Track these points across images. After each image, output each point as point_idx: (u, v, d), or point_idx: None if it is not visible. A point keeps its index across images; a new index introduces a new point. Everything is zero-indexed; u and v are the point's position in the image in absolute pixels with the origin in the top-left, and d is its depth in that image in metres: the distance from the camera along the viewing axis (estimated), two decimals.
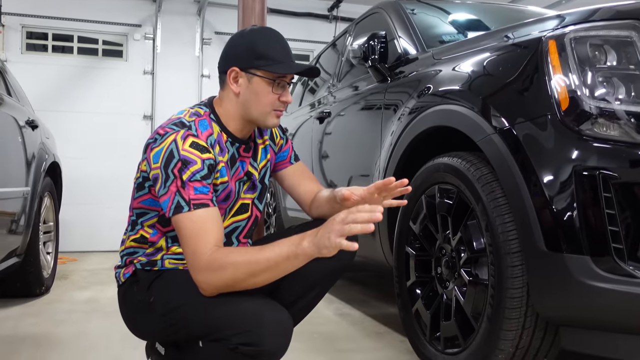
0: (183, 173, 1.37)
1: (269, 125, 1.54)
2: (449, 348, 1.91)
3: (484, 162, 1.78)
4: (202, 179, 1.39)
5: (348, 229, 1.20)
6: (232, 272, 1.31)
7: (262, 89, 1.48)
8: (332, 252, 1.24)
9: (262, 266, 1.30)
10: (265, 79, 1.47)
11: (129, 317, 1.59)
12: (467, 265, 1.84)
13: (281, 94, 1.50)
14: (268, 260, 1.29)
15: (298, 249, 1.27)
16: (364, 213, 1.21)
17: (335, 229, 1.22)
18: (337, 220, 1.23)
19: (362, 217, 1.21)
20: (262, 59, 1.47)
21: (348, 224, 1.21)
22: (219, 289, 1.35)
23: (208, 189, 1.40)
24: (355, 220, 1.21)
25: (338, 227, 1.22)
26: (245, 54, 1.49)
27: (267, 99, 1.49)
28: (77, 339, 2.44)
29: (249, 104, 1.50)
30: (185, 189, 1.37)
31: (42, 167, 3.33)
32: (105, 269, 4.56)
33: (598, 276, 1.39)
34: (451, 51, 2.21)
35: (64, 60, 5.81)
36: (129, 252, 1.58)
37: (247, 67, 1.48)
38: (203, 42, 6.13)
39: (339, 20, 6.48)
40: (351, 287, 3.79)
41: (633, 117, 1.43)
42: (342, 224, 1.22)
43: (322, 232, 1.25)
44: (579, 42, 1.52)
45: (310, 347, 2.32)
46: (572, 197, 1.43)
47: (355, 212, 1.22)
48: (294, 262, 1.29)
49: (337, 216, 1.24)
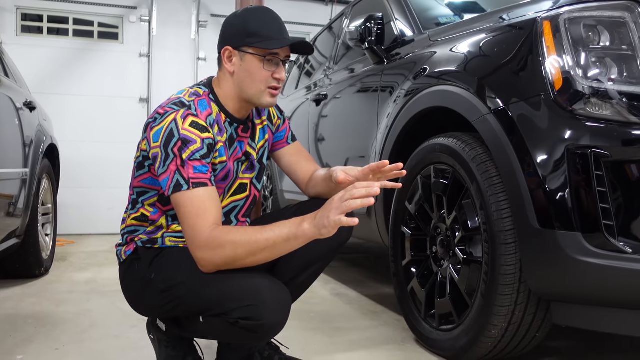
0: (183, 152, 1.40)
1: (264, 104, 1.55)
2: (443, 325, 1.95)
3: (479, 142, 1.80)
4: (201, 158, 1.41)
5: (347, 205, 1.24)
6: (232, 250, 1.34)
7: (254, 67, 1.50)
8: (332, 231, 1.27)
9: (261, 246, 1.33)
10: (257, 56, 1.49)
11: (130, 294, 1.62)
12: (461, 243, 1.87)
13: (274, 71, 1.51)
14: (267, 241, 1.33)
15: (298, 230, 1.31)
16: (362, 189, 1.25)
17: (333, 207, 1.26)
18: (335, 200, 1.27)
19: (359, 193, 1.24)
20: (254, 37, 1.48)
21: (346, 200, 1.24)
22: (218, 266, 1.38)
23: (207, 168, 1.42)
24: (353, 196, 1.24)
25: (336, 204, 1.26)
26: (238, 33, 1.51)
27: (259, 76, 1.50)
28: (78, 317, 2.48)
29: (243, 82, 1.52)
30: (185, 168, 1.39)
31: (41, 149, 3.34)
32: (103, 251, 4.58)
33: (589, 252, 1.42)
34: (447, 33, 2.22)
35: (59, 42, 5.78)
36: (130, 231, 1.60)
37: (239, 45, 1.50)
38: (199, 24, 6.10)
39: (335, 3, 6.45)
40: (347, 269, 3.83)
41: (625, 97, 1.46)
42: (340, 201, 1.25)
43: (321, 213, 1.28)
44: (573, 23, 1.54)
45: (307, 326, 2.36)
46: (564, 175, 1.46)
47: (352, 189, 1.25)
48: (294, 243, 1.33)
49: (335, 196, 1.28)
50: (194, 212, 1.38)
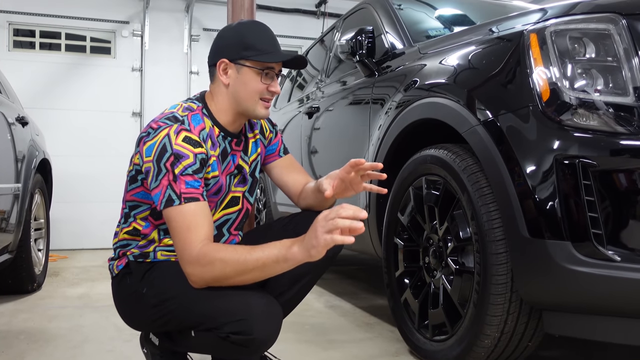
0: (175, 167, 1.40)
1: (258, 115, 1.56)
2: (437, 335, 1.96)
3: (469, 153, 1.82)
4: (193, 173, 1.42)
5: (333, 224, 1.19)
6: (221, 268, 1.34)
7: (250, 79, 1.51)
8: (322, 251, 1.23)
9: (250, 266, 1.32)
10: (254, 69, 1.51)
11: (123, 308, 1.61)
12: (453, 254, 1.88)
13: (270, 84, 1.53)
14: (257, 261, 1.31)
15: (288, 253, 1.28)
16: (349, 209, 1.20)
17: (319, 227, 1.22)
18: (319, 219, 1.23)
19: (347, 213, 1.20)
20: (251, 50, 1.50)
21: (332, 219, 1.20)
22: (207, 282, 1.38)
23: (199, 183, 1.43)
24: (340, 214, 1.20)
25: (322, 223, 1.21)
26: (234, 45, 1.52)
27: (255, 89, 1.52)
28: (71, 333, 2.47)
29: (238, 94, 1.53)
30: (177, 183, 1.40)
31: (33, 164, 3.34)
32: (96, 266, 4.56)
33: (578, 260, 1.44)
34: (437, 45, 2.25)
35: (51, 57, 5.79)
36: (122, 245, 1.60)
37: (236, 58, 1.52)
38: (191, 38, 6.13)
39: (326, 16, 6.51)
40: (341, 281, 3.83)
41: (611, 107, 1.48)
42: (326, 220, 1.21)
43: (308, 234, 1.25)
44: (559, 36, 1.57)
45: (301, 338, 2.36)
46: (553, 185, 1.48)
47: (339, 208, 1.21)
48: (283, 266, 1.31)
49: (319, 216, 1.24)
50: (185, 227, 1.38)
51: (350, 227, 1.18)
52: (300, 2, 6.50)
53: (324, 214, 1.23)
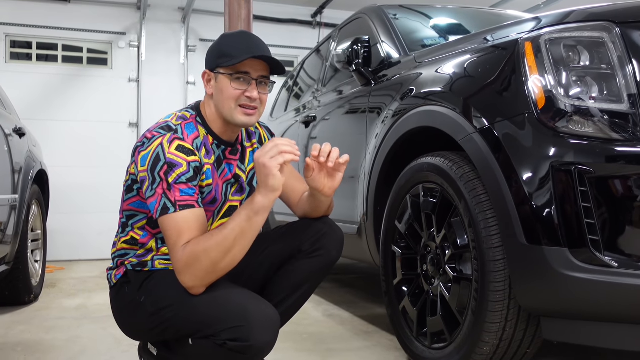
0: (169, 175, 1.41)
1: (237, 123, 1.54)
2: (435, 343, 1.95)
3: (466, 161, 1.83)
4: (187, 181, 1.43)
5: (276, 150, 1.35)
6: (206, 257, 1.36)
7: (225, 86, 1.52)
8: (276, 173, 1.35)
9: (231, 239, 1.36)
10: (227, 75, 1.52)
11: (121, 318, 1.61)
12: (451, 261, 1.89)
13: (246, 89, 1.52)
14: (233, 230, 1.36)
15: (253, 206, 1.37)
16: (283, 140, 1.38)
17: (263, 159, 1.35)
18: (258, 156, 1.37)
19: (282, 142, 1.37)
20: (224, 57, 1.52)
21: (272, 148, 1.36)
22: (204, 280, 1.39)
23: (194, 191, 1.44)
24: (277, 143, 1.37)
25: (263, 154, 1.36)
26: (213, 55, 1.56)
27: (229, 95, 1.52)
28: (68, 344, 2.45)
29: (218, 102, 1.55)
30: (171, 191, 1.41)
31: (30, 175, 3.34)
32: (93, 277, 4.54)
33: (576, 267, 1.44)
34: (432, 54, 2.27)
35: (48, 68, 5.80)
36: (120, 254, 1.61)
37: (213, 67, 1.55)
38: (188, 49, 6.15)
39: (322, 26, 6.54)
40: (340, 289, 3.83)
41: (606, 114, 1.49)
42: (265, 151, 1.36)
43: (257, 174, 1.38)
44: (553, 44, 1.58)
45: (300, 347, 2.35)
46: (549, 191, 1.49)
47: (274, 140, 1.38)
48: (257, 220, 1.37)
49: (258, 152, 1.38)
50: (176, 234, 1.40)
51: (292, 152, 1.36)
52: (296, 13, 6.53)
53: (260, 151, 1.37)
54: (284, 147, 1.36)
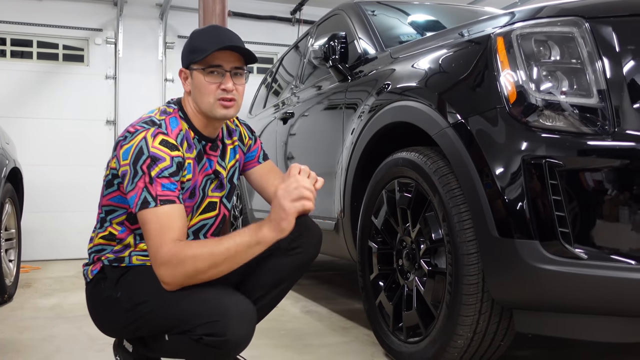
0: (152, 169, 1.40)
1: (217, 116, 1.54)
2: (411, 337, 1.97)
3: (440, 156, 1.84)
4: (170, 175, 1.42)
5: (298, 193, 1.34)
6: (192, 264, 1.35)
7: (200, 81, 1.52)
8: (292, 220, 1.34)
9: (222, 257, 1.35)
10: (200, 70, 1.51)
11: (97, 314, 1.60)
12: (426, 255, 1.90)
13: (220, 82, 1.51)
14: (228, 250, 1.35)
15: (258, 235, 1.35)
16: (307, 181, 1.38)
17: (282, 198, 1.34)
18: (280, 190, 1.35)
19: (307, 184, 1.37)
20: (195, 53, 1.51)
21: (296, 188, 1.34)
22: (181, 282, 1.38)
23: (175, 186, 1.43)
24: (302, 184, 1.35)
25: (283, 193, 1.34)
26: (185, 52, 1.56)
27: (206, 90, 1.51)
28: (42, 344, 2.42)
29: (196, 98, 1.54)
30: (153, 185, 1.40)
31: (3, 173, 3.28)
32: (69, 276, 4.49)
33: (547, 259, 1.46)
34: (408, 49, 2.27)
35: (23, 65, 5.70)
36: (97, 250, 1.59)
37: (187, 63, 1.55)
38: (166, 45, 6.09)
39: (302, 23, 6.52)
40: (318, 286, 3.83)
41: (576, 108, 1.51)
42: (287, 190, 1.34)
43: (273, 210, 1.36)
44: (524, 39, 1.60)
45: (278, 343, 2.35)
46: (521, 185, 1.50)
47: (297, 177, 1.37)
48: (256, 250, 1.36)
49: (278, 189, 1.36)
50: (158, 229, 1.38)
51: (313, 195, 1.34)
52: (275, 9, 6.51)
53: (284, 186, 1.34)
54: (306, 192, 1.36)
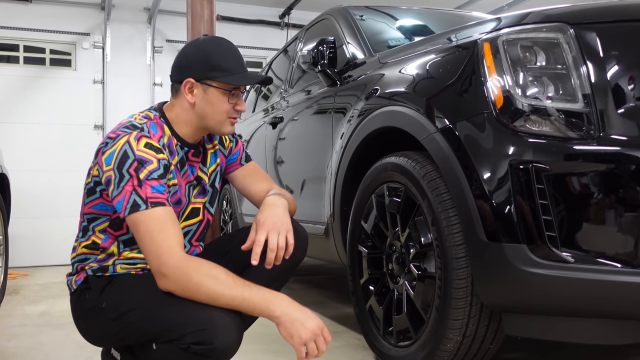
0: (140, 172, 1.39)
1: (224, 132, 1.57)
2: (401, 341, 1.97)
3: (429, 160, 1.85)
4: (159, 177, 1.41)
5: (319, 333, 1.40)
6: (194, 290, 1.35)
7: (217, 100, 1.52)
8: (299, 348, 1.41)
9: (224, 299, 1.35)
10: (221, 90, 1.51)
11: (82, 324, 1.58)
12: (416, 260, 1.91)
13: (236, 103, 1.55)
14: (233, 299, 1.35)
15: (270, 307, 1.37)
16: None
17: (304, 334, 1.39)
18: (307, 332, 1.39)
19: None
20: (217, 70, 1.50)
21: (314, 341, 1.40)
22: (174, 291, 1.37)
23: (164, 188, 1.42)
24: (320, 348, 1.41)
25: (308, 337, 1.40)
26: (200, 65, 1.52)
27: (223, 109, 1.53)
28: (30, 352, 2.40)
29: (205, 113, 1.54)
30: (142, 188, 1.38)
31: None
32: (58, 282, 4.46)
33: (534, 263, 1.47)
34: (397, 54, 2.29)
35: (9, 70, 5.66)
36: (80, 259, 1.58)
37: (202, 78, 1.51)
38: (154, 50, 6.08)
39: (290, 27, 6.53)
40: (309, 290, 3.83)
41: (562, 113, 1.53)
42: (313, 335, 1.40)
43: (299, 321, 1.39)
44: (511, 44, 1.61)
45: (268, 349, 2.35)
46: (508, 189, 1.52)
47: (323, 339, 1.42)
48: (257, 311, 1.38)
49: (308, 327, 1.40)
50: (156, 233, 1.36)
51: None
52: (264, 14, 6.52)
53: (308, 336, 1.40)
54: (322, 346, 1.41)
